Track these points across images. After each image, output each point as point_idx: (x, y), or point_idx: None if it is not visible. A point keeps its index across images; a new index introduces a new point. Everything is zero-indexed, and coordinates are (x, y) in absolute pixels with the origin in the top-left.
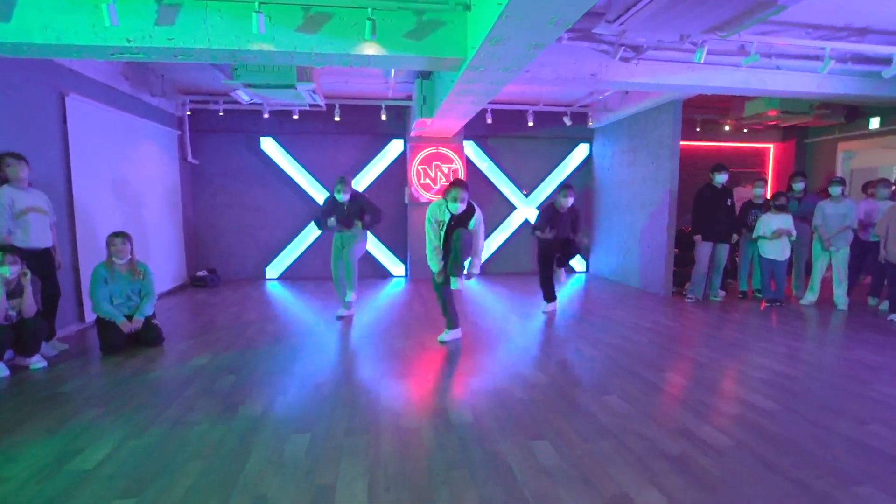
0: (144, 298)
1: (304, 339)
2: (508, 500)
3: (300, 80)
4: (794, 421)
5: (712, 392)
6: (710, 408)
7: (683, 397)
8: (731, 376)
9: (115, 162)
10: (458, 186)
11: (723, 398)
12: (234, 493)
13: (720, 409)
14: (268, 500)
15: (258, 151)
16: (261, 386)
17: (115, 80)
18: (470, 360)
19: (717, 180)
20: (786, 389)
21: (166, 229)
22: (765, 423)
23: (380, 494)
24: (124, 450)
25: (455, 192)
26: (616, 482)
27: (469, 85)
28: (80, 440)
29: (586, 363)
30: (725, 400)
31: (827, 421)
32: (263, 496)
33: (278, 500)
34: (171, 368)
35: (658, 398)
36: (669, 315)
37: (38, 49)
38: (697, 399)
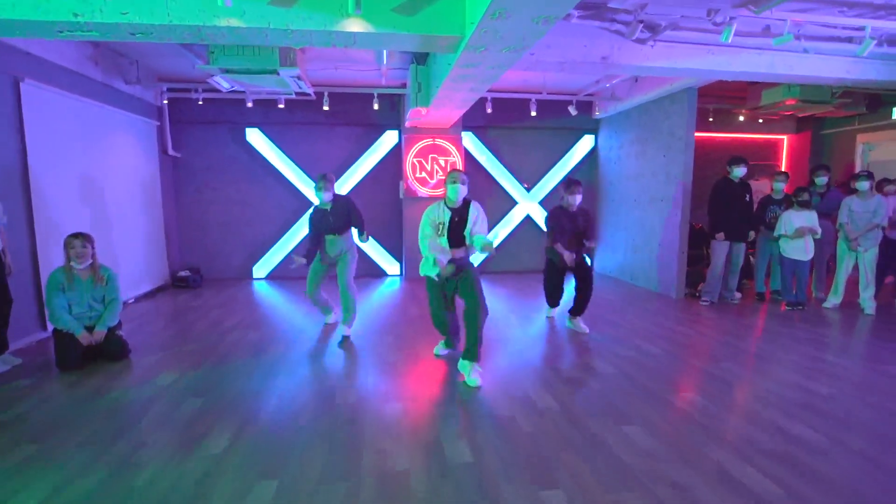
0: (108, 307)
1: (287, 350)
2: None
3: (283, 65)
4: (847, 457)
5: (748, 420)
6: (748, 443)
7: (716, 428)
8: (763, 398)
9: (83, 155)
10: (456, 170)
11: (761, 429)
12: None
13: (760, 444)
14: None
15: (244, 143)
16: (229, 412)
17: (82, 65)
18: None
19: (734, 174)
20: (828, 415)
21: (144, 227)
22: (814, 463)
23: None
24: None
25: (454, 174)
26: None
27: (468, 69)
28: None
29: (599, 381)
30: (764, 431)
31: (886, 457)
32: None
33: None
34: (132, 389)
35: (686, 429)
36: (684, 320)
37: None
38: (732, 430)
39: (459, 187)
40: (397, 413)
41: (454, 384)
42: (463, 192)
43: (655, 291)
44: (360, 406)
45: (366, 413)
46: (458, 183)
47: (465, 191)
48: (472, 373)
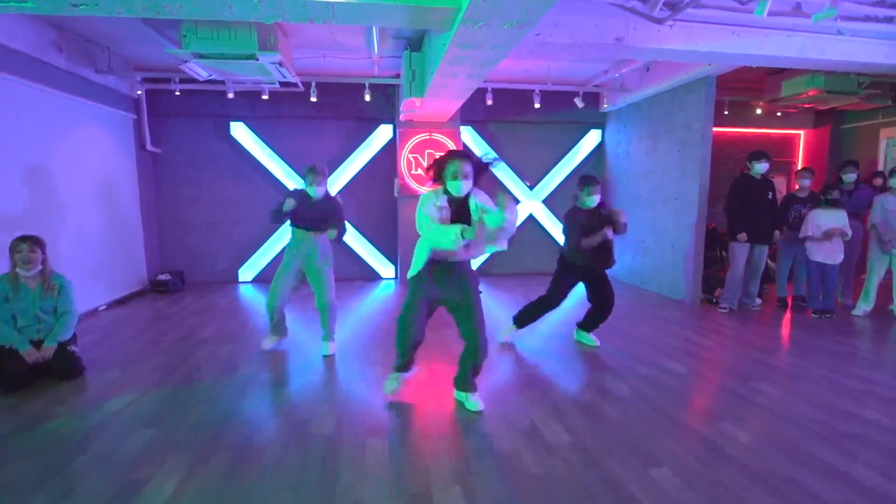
0: (60, 320)
1: (261, 367)
2: None
3: (262, 50)
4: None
5: (792, 457)
6: (806, 493)
7: (758, 468)
8: (810, 429)
9: (43, 149)
10: (458, 158)
11: (817, 472)
12: None
13: (820, 495)
14: None
15: (228, 138)
16: (182, 447)
17: (44, 51)
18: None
19: (755, 170)
20: (887, 450)
21: (119, 227)
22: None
23: None
24: None
25: (455, 165)
26: None
27: (465, 50)
28: None
29: (616, 407)
30: (822, 477)
31: None
32: None
33: None
34: (77, 416)
35: (724, 472)
36: (703, 330)
37: None
38: (776, 471)
39: (462, 185)
40: (380, 450)
41: (448, 409)
42: (468, 187)
43: (668, 297)
44: (338, 439)
45: (343, 449)
46: (461, 179)
47: (470, 186)
48: (471, 397)
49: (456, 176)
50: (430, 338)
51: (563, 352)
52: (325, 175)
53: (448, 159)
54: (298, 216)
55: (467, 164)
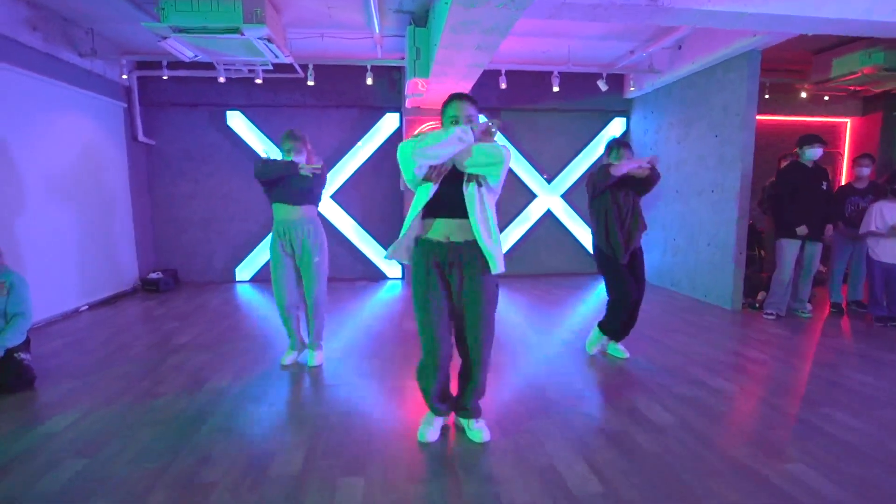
0: (9, 324)
1: (233, 381)
2: None
3: (248, 23)
4: None
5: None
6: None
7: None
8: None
9: (19, 137)
10: (458, 99)
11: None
12: None
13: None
14: None
15: (224, 128)
16: (106, 491)
17: (13, 29)
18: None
19: (806, 156)
20: None
21: (106, 223)
22: None
23: None
24: None
25: (454, 107)
26: None
27: (470, 10)
28: None
29: (655, 440)
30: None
31: None
32: None
33: None
34: (5, 439)
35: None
36: (750, 340)
37: None
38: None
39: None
40: (355, 496)
41: (447, 439)
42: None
43: (703, 301)
44: (305, 479)
45: (309, 492)
46: (462, 123)
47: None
48: (474, 424)
49: (456, 120)
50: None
51: (584, 366)
52: (305, 141)
53: (447, 102)
54: (279, 189)
55: (470, 107)
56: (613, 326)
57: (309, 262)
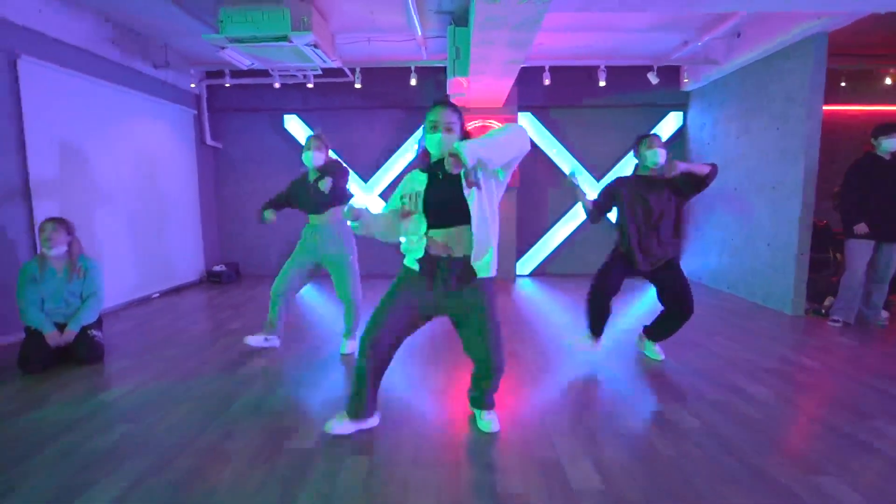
0: (84, 303)
1: (270, 364)
2: None
3: (295, 30)
4: None
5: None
6: None
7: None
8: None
9: (101, 142)
10: (439, 105)
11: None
12: None
13: None
14: None
15: (282, 131)
16: (142, 453)
17: (99, 46)
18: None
19: (883, 147)
20: None
21: (177, 220)
22: None
23: None
24: None
25: (436, 111)
26: None
27: (492, 4)
28: None
29: (670, 442)
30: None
31: None
32: None
33: None
34: (69, 405)
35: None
36: (805, 348)
37: None
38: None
39: (443, 137)
40: (359, 472)
41: (460, 427)
42: (452, 140)
43: (761, 305)
44: (316, 455)
45: (317, 467)
46: (441, 131)
47: (454, 139)
48: (485, 415)
49: (435, 126)
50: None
51: (616, 365)
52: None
53: (430, 107)
54: (300, 200)
55: (452, 113)
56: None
57: (336, 262)
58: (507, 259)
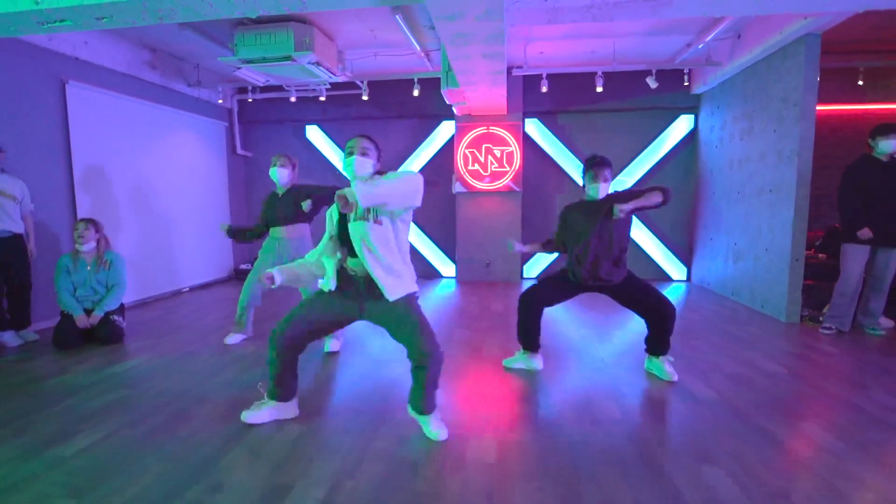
0: (109, 292)
1: (260, 348)
2: None
3: (298, 51)
4: None
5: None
6: None
7: None
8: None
9: (142, 154)
10: (359, 136)
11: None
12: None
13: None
14: None
15: (304, 140)
16: (121, 412)
17: (138, 69)
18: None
19: (880, 149)
20: None
21: (211, 222)
22: None
23: None
24: None
25: (354, 141)
26: None
27: (453, 22)
28: None
29: (597, 432)
30: None
31: None
32: None
33: None
34: (88, 372)
35: None
36: (781, 355)
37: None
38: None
39: (357, 160)
40: (345, 443)
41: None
42: (368, 166)
43: (760, 311)
44: (227, 436)
45: (226, 441)
46: (357, 154)
47: (368, 167)
48: (431, 424)
49: (352, 151)
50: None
51: (583, 371)
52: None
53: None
54: (268, 218)
55: (365, 141)
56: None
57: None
58: (512, 262)
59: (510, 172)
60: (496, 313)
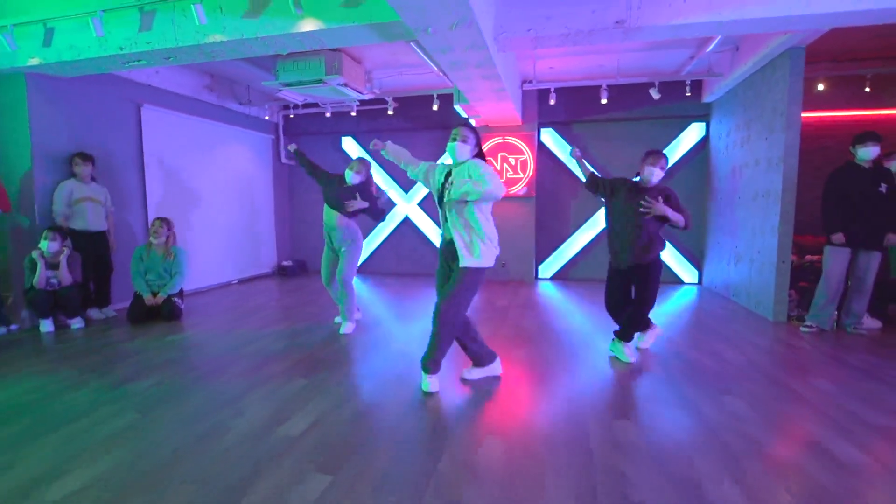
0: (171, 278)
1: (288, 328)
2: None
3: (328, 74)
4: None
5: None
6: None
7: None
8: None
9: (201, 165)
10: (460, 125)
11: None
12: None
13: None
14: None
15: (340, 150)
16: (171, 368)
17: (199, 92)
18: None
19: (860, 156)
20: None
21: (258, 224)
22: None
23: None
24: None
25: (456, 129)
26: None
27: (445, 54)
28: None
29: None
30: None
31: None
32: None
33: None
34: (152, 339)
35: None
36: (747, 347)
37: (71, 66)
38: None
39: (458, 147)
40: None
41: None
42: (464, 151)
43: (753, 312)
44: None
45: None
46: (458, 140)
47: (466, 150)
48: (427, 378)
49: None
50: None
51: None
52: (368, 167)
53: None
54: (327, 195)
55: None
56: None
57: (339, 250)
58: (526, 262)
59: (524, 179)
60: (500, 308)
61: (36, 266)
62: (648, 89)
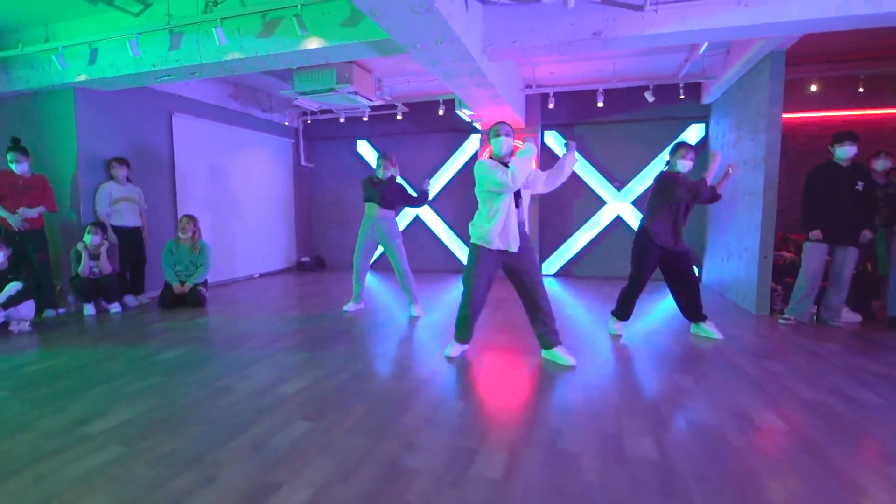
0: (197, 270)
1: (302, 310)
2: None
3: (339, 83)
4: None
5: None
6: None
7: None
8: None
9: (226, 168)
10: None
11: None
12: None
13: None
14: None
15: (355, 153)
16: (194, 343)
17: (224, 101)
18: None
19: (839, 155)
20: None
21: (277, 222)
22: None
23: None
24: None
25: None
26: None
27: (436, 66)
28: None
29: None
30: None
31: None
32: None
33: None
34: (180, 321)
35: None
36: (727, 340)
37: (112, 81)
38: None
39: (503, 143)
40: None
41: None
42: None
43: (741, 307)
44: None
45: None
46: (502, 135)
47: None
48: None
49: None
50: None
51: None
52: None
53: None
54: (369, 195)
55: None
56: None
57: (389, 247)
58: None
59: None
60: (497, 298)
61: (80, 257)
62: (655, 91)
